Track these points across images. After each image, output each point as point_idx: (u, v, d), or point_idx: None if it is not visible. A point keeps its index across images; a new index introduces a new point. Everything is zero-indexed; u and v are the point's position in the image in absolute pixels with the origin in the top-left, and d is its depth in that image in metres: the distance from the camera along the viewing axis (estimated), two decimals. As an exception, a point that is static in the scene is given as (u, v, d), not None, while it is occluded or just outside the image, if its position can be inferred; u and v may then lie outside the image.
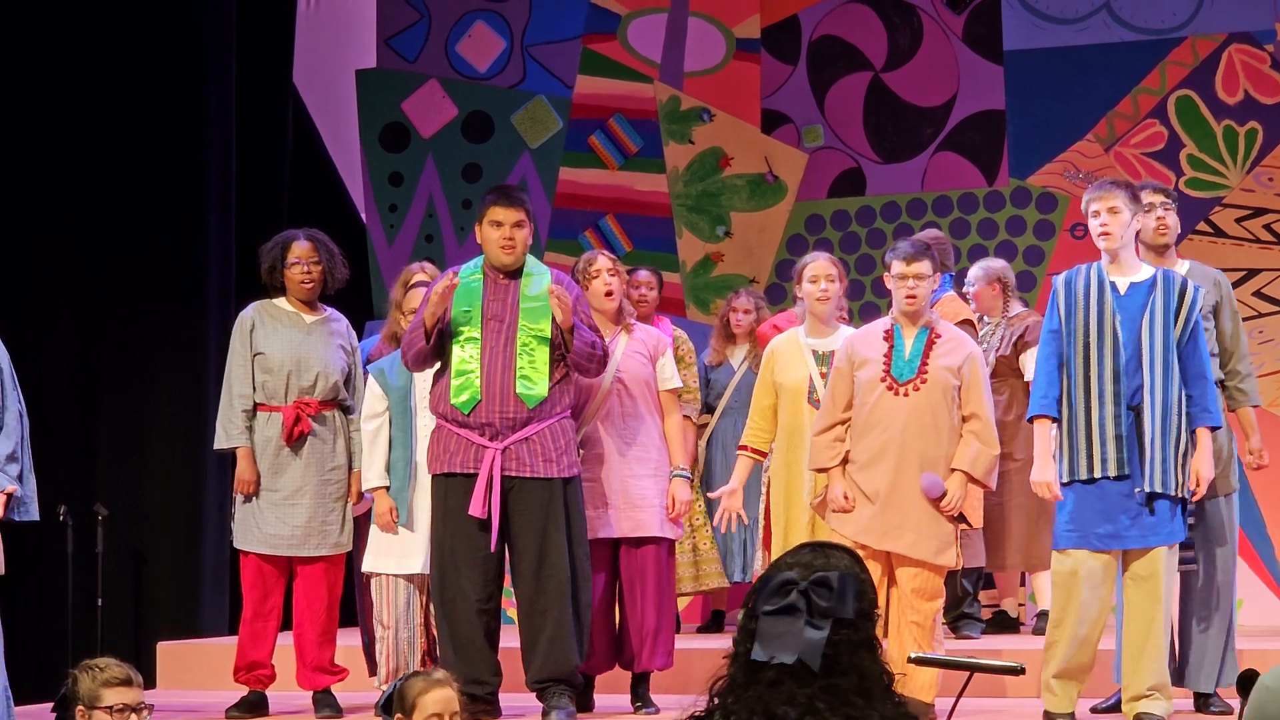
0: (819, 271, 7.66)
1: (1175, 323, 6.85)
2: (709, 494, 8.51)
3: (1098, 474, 6.80)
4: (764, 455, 7.72)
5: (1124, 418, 6.79)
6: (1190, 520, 7.16)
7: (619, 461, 7.52)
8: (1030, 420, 7.05)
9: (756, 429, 7.67)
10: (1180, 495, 6.80)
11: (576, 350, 7.17)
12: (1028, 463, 7.25)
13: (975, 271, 9.31)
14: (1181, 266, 7.41)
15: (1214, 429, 6.89)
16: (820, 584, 3.19)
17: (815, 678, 3.13)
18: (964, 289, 9.24)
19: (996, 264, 9.42)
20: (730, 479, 7.76)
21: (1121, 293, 6.91)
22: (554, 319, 7.20)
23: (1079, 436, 6.84)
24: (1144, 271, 6.97)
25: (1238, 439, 7.46)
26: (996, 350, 9.01)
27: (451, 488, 7.17)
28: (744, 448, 7.69)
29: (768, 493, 8.08)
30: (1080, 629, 6.80)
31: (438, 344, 7.21)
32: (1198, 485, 6.84)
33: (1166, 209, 7.40)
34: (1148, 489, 6.75)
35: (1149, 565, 6.78)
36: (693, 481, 8.04)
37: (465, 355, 7.20)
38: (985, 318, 9.16)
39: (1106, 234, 6.93)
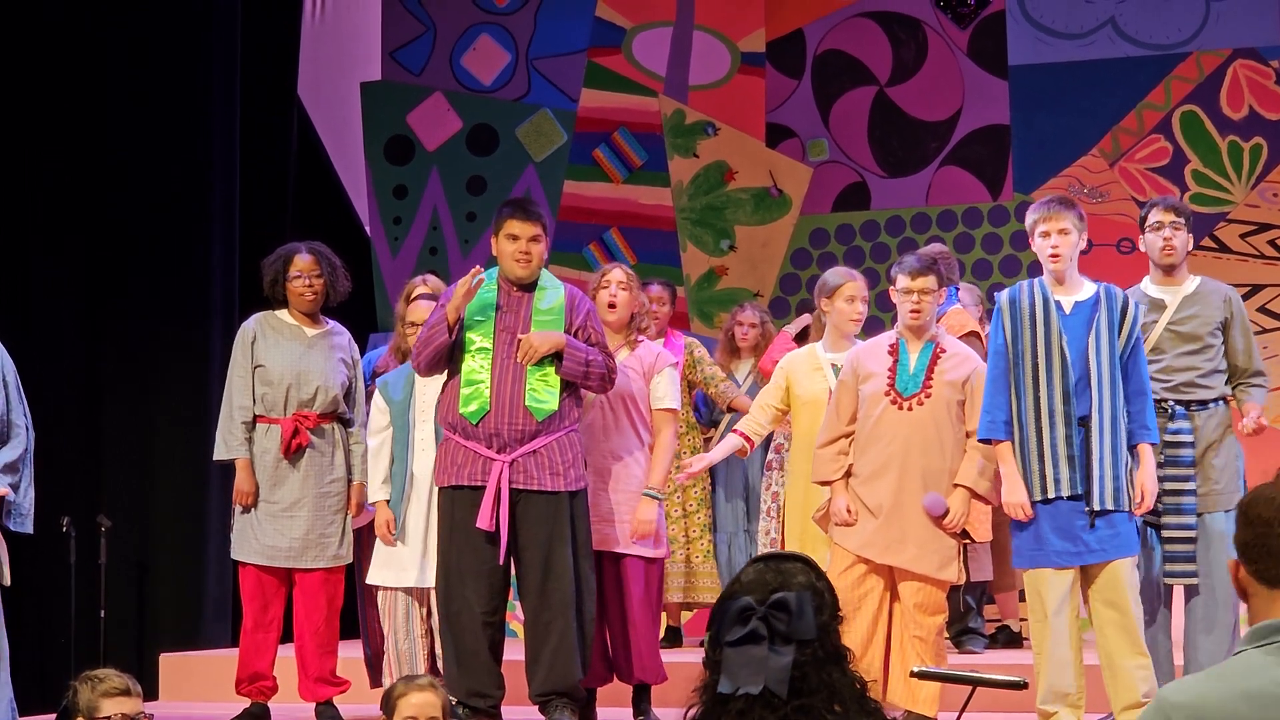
0: (856, 292, 7.74)
1: (1118, 338, 6.85)
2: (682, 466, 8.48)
3: (1052, 494, 6.79)
4: (752, 445, 7.78)
5: (1075, 437, 6.79)
6: (1193, 534, 7.16)
7: (596, 476, 7.50)
8: (983, 442, 7.02)
9: (754, 420, 7.75)
10: (1129, 509, 6.79)
11: (565, 370, 7.15)
12: None
13: (965, 296, 9.23)
14: (1192, 283, 7.39)
15: (1152, 445, 6.88)
16: (778, 607, 3.17)
17: (785, 701, 3.12)
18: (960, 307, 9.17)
19: (976, 289, 9.42)
20: (715, 450, 7.94)
21: (1067, 311, 6.89)
22: (565, 331, 7.20)
23: (1031, 457, 6.83)
24: (1086, 289, 6.95)
25: (1233, 418, 7.44)
26: None
27: (458, 500, 7.16)
28: (737, 431, 7.75)
29: (782, 507, 8.09)
30: (1057, 650, 6.79)
31: (448, 351, 7.20)
32: (1143, 500, 6.83)
33: (1176, 229, 7.36)
34: (1097, 506, 6.74)
35: (1110, 579, 6.77)
36: (661, 500, 7.99)
37: (476, 365, 7.19)
38: None
39: (1057, 256, 6.91)
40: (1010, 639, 9.31)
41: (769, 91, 11.46)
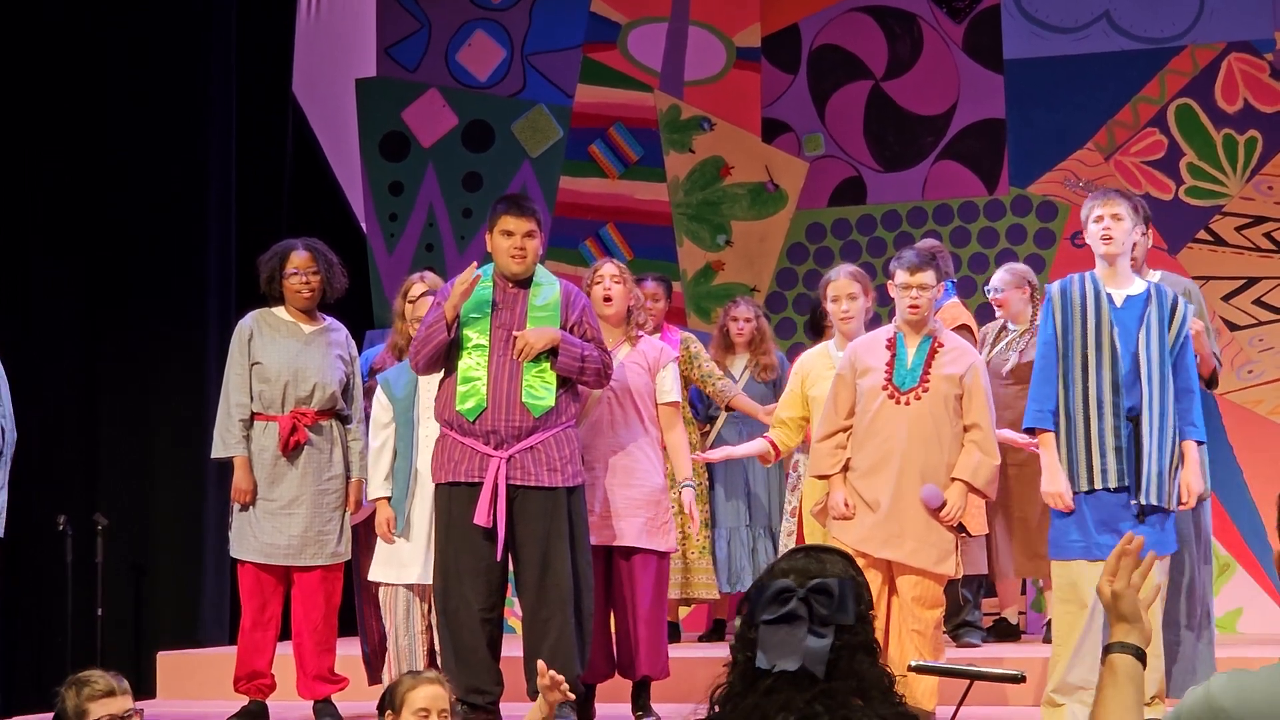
0: (839, 291, 7.76)
1: (1167, 335, 6.86)
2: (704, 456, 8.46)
3: (1098, 485, 6.79)
4: (778, 455, 7.78)
5: (1123, 429, 6.79)
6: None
7: (605, 471, 7.52)
8: (1027, 431, 7.04)
9: (782, 432, 7.74)
10: (1171, 507, 6.80)
11: (561, 366, 7.16)
12: (1036, 473, 7.21)
13: (1003, 276, 9.13)
14: (1153, 277, 7.39)
15: (1199, 443, 6.89)
16: (820, 591, 3.18)
17: (814, 683, 3.13)
18: (991, 295, 9.12)
19: (1020, 267, 9.29)
20: (740, 447, 8.03)
21: (1118, 304, 6.90)
22: (561, 327, 7.21)
23: (1078, 448, 6.83)
24: (1137, 285, 6.97)
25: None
26: (1022, 353, 8.83)
27: (455, 497, 7.16)
28: (767, 438, 7.76)
29: (800, 504, 8.09)
30: (1085, 644, 6.78)
31: (446, 349, 7.20)
32: (1188, 498, 6.84)
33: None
34: (1144, 501, 6.74)
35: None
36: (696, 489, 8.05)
37: (472, 362, 7.19)
38: (1010, 324, 9.02)
39: (1109, 238, 6.91)
40: (1008, 632, 9.31)
41: (765, 86, 11.46)
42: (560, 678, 5.30)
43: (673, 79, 11.56)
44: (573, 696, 5.47)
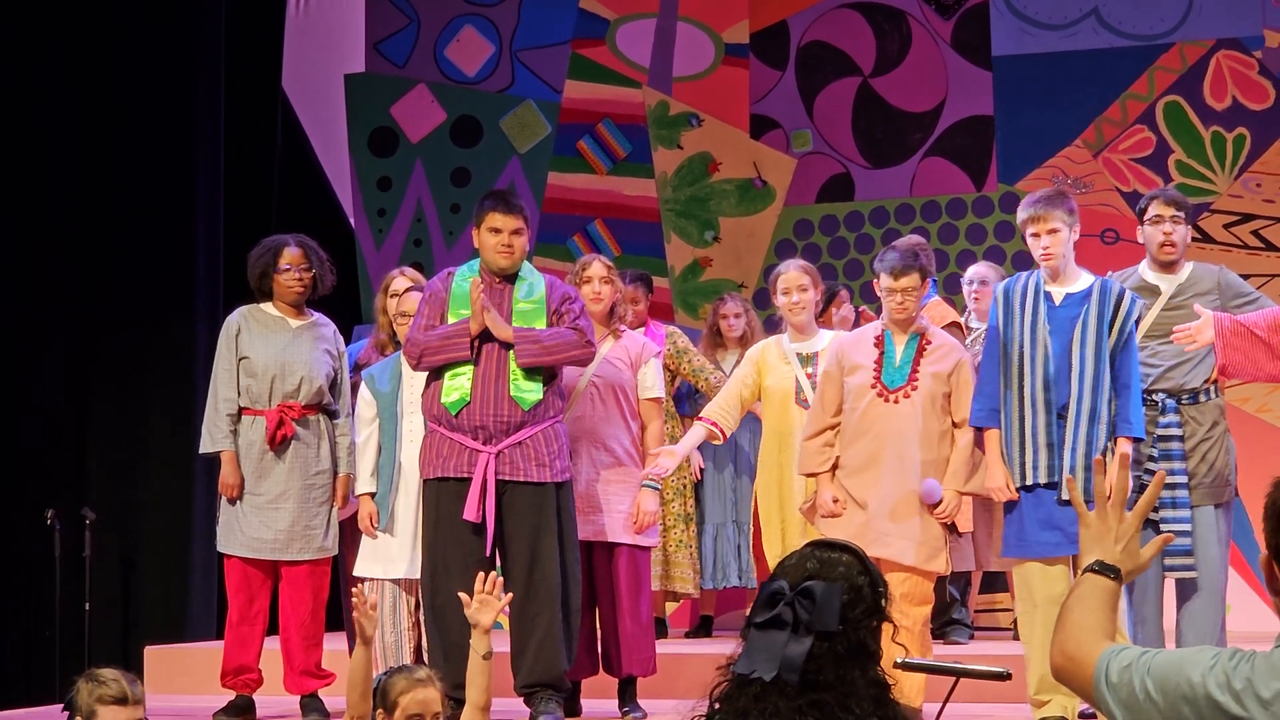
0: (789, 284, 7.77)
1: (1110, 332, 6.87)
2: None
3: (1029, 480, 6.84)
4: (724, 435, 7.70)
5: (1054, 426, 6.83)
6: (1189, 527, 7.14)
7: (586, 466, 7.51)
8: (973, 427, 7.05)
9: (720, 406, 7.71)
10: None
11: (521, 361, 7.11)
12: None
13: (984, 270, 9.17)
14: (1185, 269, 7.33)
15: (1134, 439, 6.88)
16: (805, 595, 3.14)
17: (799, 692, 3.09)
18: (972, 288, 9.13)
19: (996, 266, 9.34)
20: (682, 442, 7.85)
21: (1056, 303, 6.94)
22: (547, 321, 7.21)
23: (1013, 444, 6.90)
24: (1082, 281, 7.00)
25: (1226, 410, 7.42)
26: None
27: (444, 493, 7.16)
28: (704, 419, 7.71)
29: (756, 500, 8.08)
30: (1049, 639, 6.78)
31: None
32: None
33: (1176, 222, 7.27)
34: (1064, 496, 6.73)
35: None
36: (660, 490, 7.98)
37: (458, 358, 7.21)
38: (975, 321, 9.03)
39: (1049, 255, 6.95)
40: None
41: (753, 83, 11.46)
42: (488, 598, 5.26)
43: (661, 75, 11.56)
44: (499, 601, 5.37)
